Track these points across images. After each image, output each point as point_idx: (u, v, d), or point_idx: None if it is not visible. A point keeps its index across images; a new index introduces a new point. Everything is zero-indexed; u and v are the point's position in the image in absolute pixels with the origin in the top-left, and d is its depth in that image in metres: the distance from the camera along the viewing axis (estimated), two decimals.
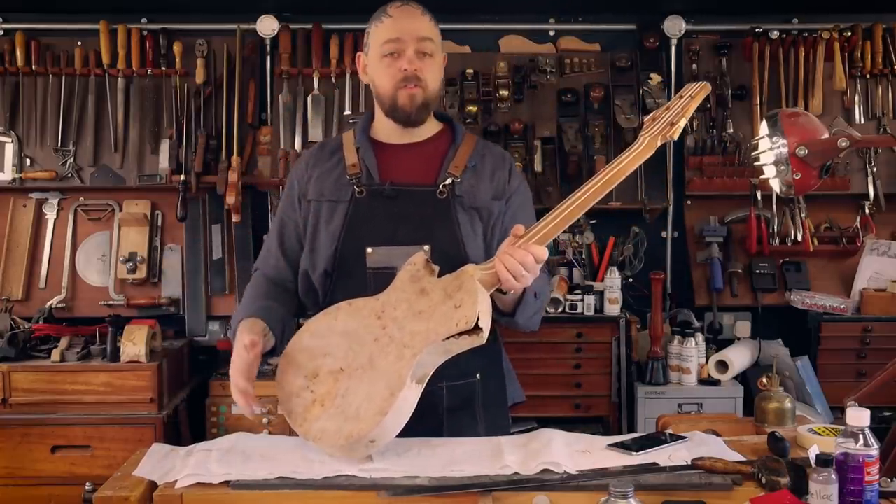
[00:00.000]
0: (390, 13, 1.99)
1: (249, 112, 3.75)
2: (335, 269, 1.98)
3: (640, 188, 3.70)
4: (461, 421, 1.95)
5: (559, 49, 3.85)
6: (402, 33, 1.95)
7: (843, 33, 3.71)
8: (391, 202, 1.95)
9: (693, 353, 3.38)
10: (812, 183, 2.02)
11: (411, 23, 1.96)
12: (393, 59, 1.96)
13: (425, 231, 1.94)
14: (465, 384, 1.98)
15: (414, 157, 2.03)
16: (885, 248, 3.64)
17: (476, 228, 1.98)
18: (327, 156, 2.07)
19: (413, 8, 1.99)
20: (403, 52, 1.95)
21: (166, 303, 3.70)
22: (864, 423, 1.45)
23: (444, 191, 1.97)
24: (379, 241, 1.94)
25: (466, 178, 2.00)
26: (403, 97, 1.96)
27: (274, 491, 1.55)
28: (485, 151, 2.07)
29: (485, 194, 2.00)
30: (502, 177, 2.04)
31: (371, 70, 2.02)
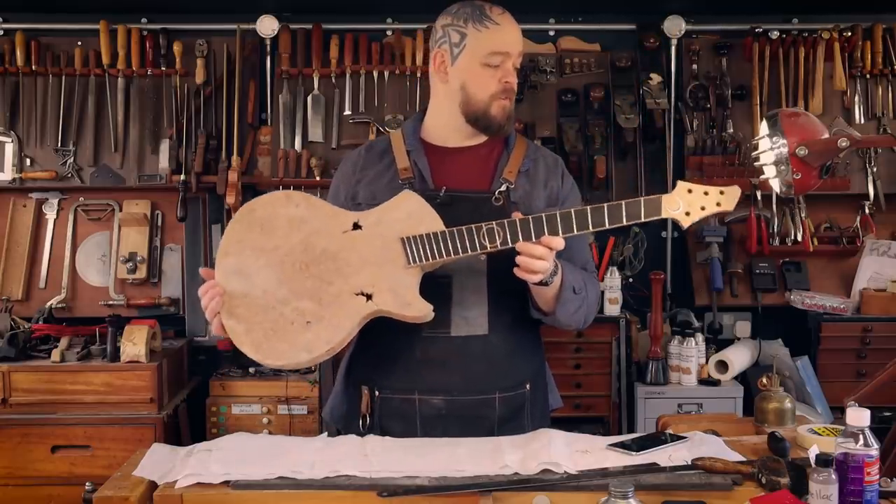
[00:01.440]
0: (496, 20, 1.91)
1: (249, 112, 3.75)
2: None
3: (640, 188, 3.70)
4: (511, 431, 1.92)
5: (559, 49, 3.84)
6: (510, 46, 1.91)
7: (843, 33, 3.71)
8: (446, 208, 1.88)
9: (693, 353, 3.38)
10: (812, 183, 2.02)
11: (517, 35, 1.94)
12: (494, 70, 1.91)
13: None
14: (517, 395, 1.98)
15: (467, 162, 1.99)
16: (885, 248, 3.64)
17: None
18: (376, 158, 2.03)
19: (511, 18, 1.94)
20: (505, 64, 1.92)
21: (166, 303, 3.71)
22: (864, 423, 1.45)
23: (499, 198, 1.94)
24: None
25: (521, 184, 1.97)
26: (497, 108, 1.94)
27: (274, 491, 1.55)
28: (537, 155, 2.05)
29: (538, 201, 1.98)
30: (555, 184, 2.02)
31: (463, 73, 1.94)
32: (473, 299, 1.92)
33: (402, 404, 1.93)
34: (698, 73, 3.78)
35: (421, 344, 1.91)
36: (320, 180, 3.65)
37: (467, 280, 1.91)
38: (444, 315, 1.90)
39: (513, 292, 1.93)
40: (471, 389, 1.92)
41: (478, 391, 1.93)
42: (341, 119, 3.75)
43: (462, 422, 1.90)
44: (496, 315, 1.94)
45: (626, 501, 1.34)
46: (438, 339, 1.91)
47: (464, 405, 1.91)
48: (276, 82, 3.78)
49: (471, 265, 1.90)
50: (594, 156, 3.64)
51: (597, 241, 3.70)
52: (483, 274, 1.92)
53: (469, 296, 1.92)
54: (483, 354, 1.94)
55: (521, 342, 2.00)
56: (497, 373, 1.95)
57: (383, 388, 1.95)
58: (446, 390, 1.91)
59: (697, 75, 3.78)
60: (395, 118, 3.71)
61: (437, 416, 1.92)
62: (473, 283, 1.92)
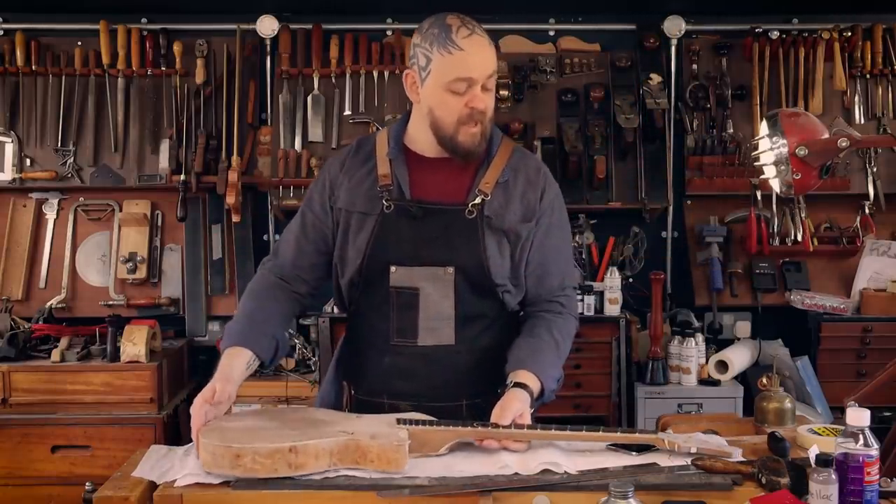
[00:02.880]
0: (460, 45, 1.81)
1: (249, 112, 3.75)
2: (361, 281, 1.97)
3: (640, 188, 3.70)
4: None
5: (559, 49, 3.84)
6: (475, 72, 1.83)
7: (843, 33, 3.71)
8: (417, 221, 1.91)
9: (693, 353, 3.38)
10: (812, 183, 2.02)
11: (483, 59, 1.84)
12: (461, 95, 1.85)
13: (450, 252, 1.92)
14: (485, 400, 1.95)
15: (446, 173, 1.96)
16: (885, 248, 3.64)
17: (503, 250, 1.95)
18: (361, 162, 2.01)
19: (479, 37, 1.84)
20: (472, 88, 1.84)
21: (166, 303, 3.71)
22: (864, 423, 1.45)
23: (472, 210, 1.92)
24: (403, 261, 1.92)
25: (496, 197, 1.94)
26: (465, 135, 1.88)
27: (274, 491, 1.55)
28: (519, 165, 2.00)
29: (513, 216, 1.95)
30: (533, 197, 1.98)
31: (429, 98, 1.89)
32: (441, 311, 1.93)
33: (372, 407, 1.95)
34: (698, 73, 3.78)
35: (390, 352, 1.95)
36: None
37: (435, 292, 1.92)
38: (411, 325, 1.93)
39: (480, 304, 1.95)
40: (438, 397, 1.93)
41: (445, 399, 1.94)
42: (341, 119, 3.75)
43: None
44: (463, 326, 1.94)
45: (626, 501, 1.34)
46: (406, 349, 1.94)
47: (431, 411, 1.88)
48: (276, 82, 3.78)
49: (438, 277, 1.91)
50: (594, 156, 3.64)
51: (597, 241, 3.71)
52: (451, 285, 1.92)
53: (436, 307, 1.92)
54: (450, 364, 1.95)
55: (489, 352, 1.98)
56: (464, 382, 1.96)
57: (357, 389, 2.01)
58: (414, 397, 1.93)
59: (697, 75, 3.78)
60: (395, 118, 3.71)
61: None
62: (440, 295, 1.92)
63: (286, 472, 1.56)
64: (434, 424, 1.72)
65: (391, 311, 1.93)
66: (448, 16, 1.86)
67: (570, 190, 3.68)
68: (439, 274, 1.91)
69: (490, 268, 1.92)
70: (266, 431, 1.64)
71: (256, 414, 1.84)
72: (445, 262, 1.91)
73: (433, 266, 1.91)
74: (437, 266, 1.91)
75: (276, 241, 3.81)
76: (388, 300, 1.93)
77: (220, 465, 1.57)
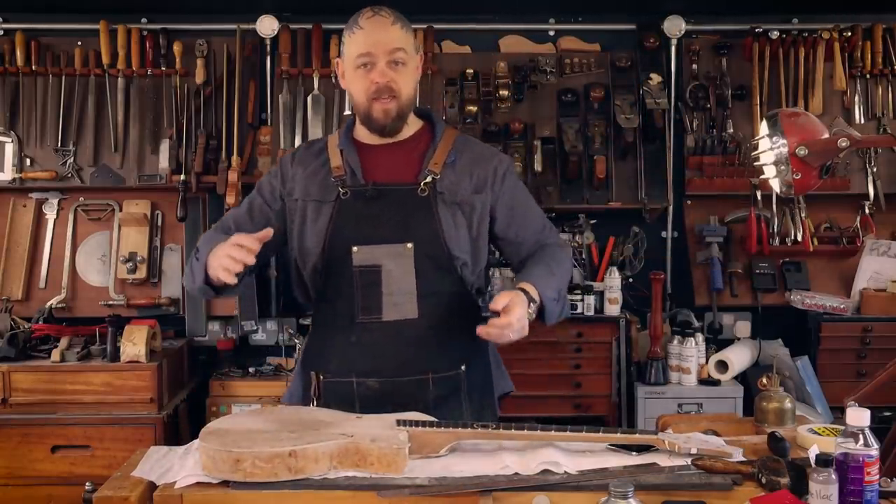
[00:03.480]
0: (361, 24, 2.00)
1: (249, 112, 3.75)
2: (323, 266, 2.05)
3: (640, 188, 3.70)
4: (448, 408, 2.03)
5: (559, 49, 3.84)
6: (372, 47, 1.98)
7: (843, 33, 3.71)
8: (374, 202, 2.02)
9: (693, 353, 3.38)
10: (812, 183, 2.02)
11: (382, 35, 1.98)
12: (366, 71, 1.99)
13: (407, 229, 2.01)
14: (451, 375, 2.06)
15: (395, 157, 2.08)
16: (885, 248, 3.64)
17: (458, 223, 2.04)
18: (313, 156, 2.13)
19: (383, 17, 2.00)
20: (375, 64, 1.98)
21: (166, 303, 3.70)
22: (864, 423, 1.45)
23: (424, 188, 2.03)
24: (364, 240, 2.01)
25: (447, 175, 2.05)
26: (377, 110, 2.01)
27: (274, 491, 1.55)
28: (464, 147, 2.12)
29: (465, 189, 2.06)
30: (482, 172, 2.09)
31: (347, 79, 2.06)
32: (402, 285, 2.01)
33: (342, 387, 2.04)
34: (698, 73, 3.78)
35: (356, 330, 2.03)
36: None
37: (395, 267, 2.01)
38: (376, 301, 2.02)
39: (440, 279, 2.04)
40: (404, 371, 2.02)
41: (411, 372, 2.02)
42: (341, 119, 3.75)
43: (398, 402, 1.96)
44: (425, 299, 2.02)
45: (626, 501, 1.34)
46: (372, 325, 2.02)
47: (398, 386, 2.01)
48: (276, 82, 3.78)
49: (398, 253, 2.01)
50: (594, 156, 3.64)
51: (597, 241, 3.71)
52: (410, 260, 2.01)
53: (397, 282, 2.01)
54: (415, 337, 2.03)
55: (454, 324, 2.06)
56: (430, 355, 2.04)
57: (326, 372, 2.07)
58: (380, 372, 2.01)
59: (697, 75, 3.78)
60: None
61: (373, 396, 2.02)
62: (401, 270, 2.01)
63: (286, 476, 1.57)
64: (434, 426, 1.72)
65: (356, 291, 2.01)
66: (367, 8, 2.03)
67: (570, 190, 3.68)
68: (399, 250, 2.00)
69: (447, 241, 2.02)
70: (266, 435, 1.64)
71: (256, 414, 1.84)
72: (404, 238, 2.01)
73: (394, 243, 2.00)
74: (397, 243, 2.00)
75: None
76: (351, 281, 2.01)
77: (220, 469, 1.57)
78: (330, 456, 1.60)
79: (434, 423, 1.73)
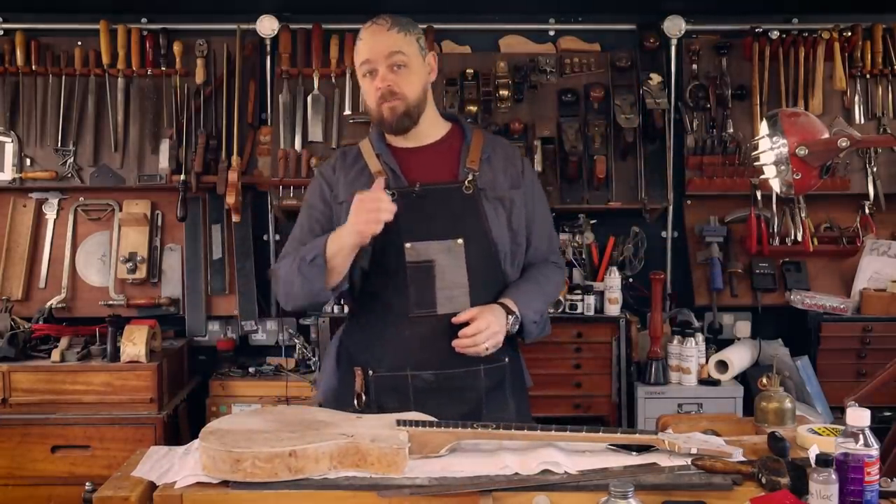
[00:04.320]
0: (362, 35, 2.13)
1: (249, 112, 3.76)
2: (374, 265, 2.11)
3: (640, 188, 3.70)
4: (496, 402, 2.13)
5: (559, 49, 3.84)
6: (371, 54, 2.09)
7: (843, 33, 3.71)
8: (422, 201, 2.11)
9: (693, 353, 3.38)
10: (812, 183, 2.03)
11: (379, 42, 2.09)
12: (371, 78, 2.10)
13: (456, 225, 2.11)
14: (498, 367, 2.16)
15: (431, 158, 2.18)
16: (885, 248, 3.64)
17: (500, 217, 2.15)
18: (350, 163, 2.21)
19: (380, 25, 2.10)
20: (377, 70, 2.09)
21: (166, 303, 3.70)
22: (864, 423, 1.45)
23: (469, 186, 2.13)
24: (416, 237, 2.09)
25: (484, 171, 2.16)
26: (385, 111, 2.11)
27: (274, 491, 1.55)
28: (495, 145, 2.24)
29: (503, 185, 2.17)
30: (514, 170, 2.22)
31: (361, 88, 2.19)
32: (455, 279, 2.09)
33: (396, 381, 2.09)
34: (698, 73, 3.78)
35: (409, 325, 2.10)
36: None
37: (448, 262, 2.09)
38: (430, 296, 2.09)
39: (488, 272, 2.14)
40: (457, 363, 2.08)
41: (464, 364, 2.08)
42: (341, 119, 3.75)
43: (452, 394, 2.07)
44: (476, 292, 2.11)
45: (626, 501, 1.34)
46: (425, 319, 2.09)
47: (452, 378, 2.08)
48: (276, 82, 3.77)
49: (450, 248, 2.09)
50: (594, 156, 3.64)
51: (597, 240, 3.71)
52: (461, 255, 2.10)
53: (451, 276, 2.09)
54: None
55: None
56: None
57: (377, 368, 2.11)
58: (436, 366, 2.08)
59: (697, 75, 3.78)
60: None
61: (428, 389, 2.09)
62: (454, 265, 2.09)
63: (286, 476, 1.57)
64: (434, 426, 1.72)
65: (408, 287, 2.08)
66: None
67: (570, 190, 3.68)
68: (451, 246, 2.09)
69: (493, 236, 2.13)
70: (266, 435, 1.64)
71: (256, 414, 1.84)
72: (454, 234, 2.10)
73: (445, 239, 2.09)
74: (449, 239, 2.09)
75: (276, 240, 3.82)
76: (404, 277, 2.08)
77: (220, 469, 1.57)
78: (330, 456, 1.61)
79: (434, 423, 1.73)
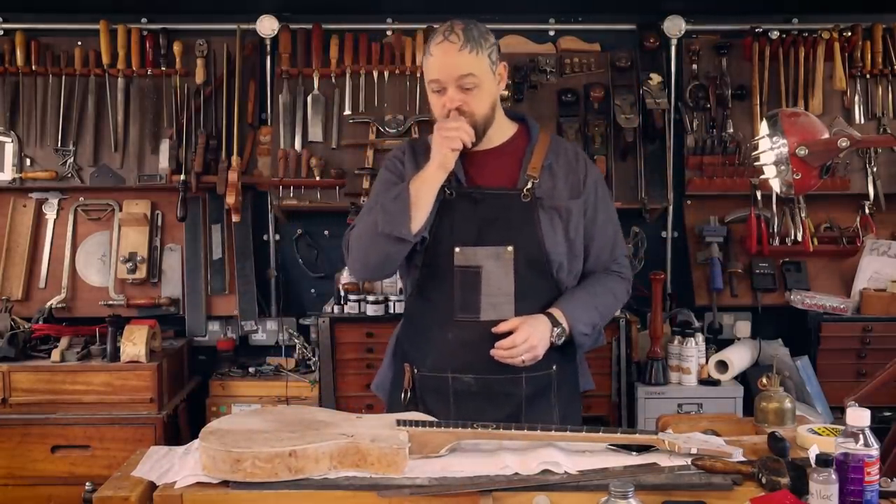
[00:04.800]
0: (432, 51, 2.04)
1: (249, 112, 3.75)
2: (424, 263, 2.11)
3: (640, 188, 3.70)
4: (538, 408, 2.11)
5: (559, 49, 3.84)
6: (441, 74, 2.02)
7: (843, 33, 3.71)
8: (478, 205, 2.09)
9: (693, 353, 3.38)
10: (812, 183, 2.02)
11: (450, 62, 2.01)
12: (438, 95, 2.05)
13: (509, 232, 2.08)
14: (543, 375, 2.12)
15: (494, 161, 2.14)
16: (885, 248, 3.64)
17: (556, 227, 2.10)
18: (420, 155, 2.15)
19: (452, 43, 2.01)
20: (446, 90, 2.03)
21: (166, 303, 3.70)
22: (864, 423, 1.45)
23: (527, 194, 2.09)
24: (466, 242, 2.08)
25: (544, 179, 2.12)
26: None
27: (274, 491, 1.55)
28: (559, 150, 2.18)
29: (562, 193, 2.12)
30: (576, 178, 2.15)
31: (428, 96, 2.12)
32: (501, 287, 2.07)
33: (437, 382, 2.10)
34: (698, 73, 3.78)
35: (453, 328, 2.08)
36: (320, 180, 3.64)
37: (495, 269, 2.07)
38: (475, 301, 2.08)
39: (537, 281, 2.10)
40: (499, 370, 2.05)
41: (505, 371, 2.05)
42: (341, 119, 3.75)
43: (491, 398, 2.07)
44: (522, 301, 2.08)
45: (626, 501, 1.34)
46: (469, 324, 2.07)
47: (493, 383, 2.07)
48: (276, 82, 3.77)
49: (499, 255, 2.07)
50: (594, 156, 3.64)
51: None
52: (510, 263, 2.07)
53: (497, 284, 2.07)
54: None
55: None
56: None
57: (421, 366, 2.12)
58: (476, 370, 2.07)
59: (697, 75, 3.78)
60: (394, 118, 3.71)
61: (468, 392, 2.09)
62: (501, 272, 2.07)
63: (286, 475, 1.57)
64: (434, 426, 1.72)
65: (454, 289, 2.08)
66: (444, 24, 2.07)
67: None
68: (500, 253, 2.07)
69: (546, 246, 2.09)
70: (266, 435, 1.64)
71: (256, 414, 1.84)
72: (505, 241, 2.07)
73: (495, 246, 2.07)
74: (499, 246, 2.07)
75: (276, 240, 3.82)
76: (451, 279, 2.08)
77: (220, 469, 1.57)
78: (330, 456, 1.60)
79: (434, 423, 1.73)
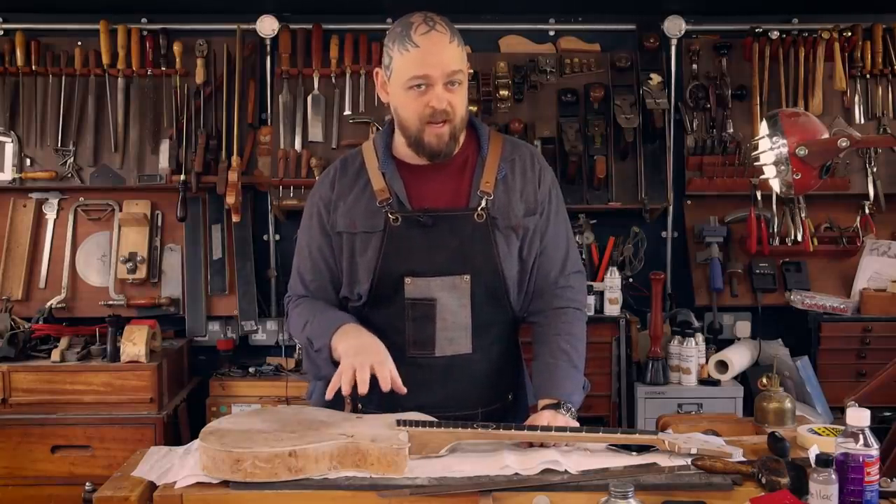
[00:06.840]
0: (416, 41, 1.78)
1: (249, 112, 3.75)
2: (371, 299, 1.92)
3: (641, 188, 3.70)
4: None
5: (559, 49, 3.84)
6: (430, 69, 1.78)
7: (843, 33, 3.71)
8: (428, 230, 1.88)
9: (693, 353, 3.38)
10: (812, 183, 2.03)
11: (441, 55, 1.79)
12: (420, 93, 1.81)
13: (465, 259, 1.88)
14: (499, 406, 1.99)
15: (442, 178, 1.92)
16: (885, 248, 3.64)
17: (512, 248, 1.92)
18: (351, 180, 1.95)
19: (440, 33, 1.80)
20: (432, 87, 1.80)
21: (166, 303, 3.70)
22: (864, 423, 1.45)
23: (481, 214, 1.88)
24: (418, 272, 1.88)
25: (499, 195, 1.91)
26: (430, 135, 1.84)
27: (274, 491, 1.55)
28: (514, 156, 1.97)
29: (517, 211, 1.92)
30: (532, 190, 1.95)
31: (394, 97, 1.87)
32: (457, 320, 1.90)
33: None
34: (698, 73, 3.78)
35: (405, 365, 1.85)
36: None
37: (450, 301, 1.89)
38: (429, 336, 1.90)
39: (493, 311, 1.95)
40: (452, 407, 1.90)
41: (460, 408, 1.92)
42: (341, 119, 3.75)
43: None
44: (479, 333, 1.93)
45: (626, 501, 1.34)
46: (423, 360, 1.92)
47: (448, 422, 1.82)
48: (276, 82, 3.77)
49: (455, 286, 1.89)
50: (594, 156, 3.64)
51: (597, 240, 3.71)
52: (467, 293, 1.89)
53: (453, 317, 1.90)
54: (467, 373, 1.94)
55: (503, 358, 2.00)
56: (480, 390, 1.96)
57: (367, 403, 1.85)
58: (429, 409, 1.82)
59: (697, 75, 3.78)
60: None
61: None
62: (457, 304, 1.89)
63: (286, 476, 1.56)
64: (434, 426, 1.72)
65: (407, 324, 1.90)
66: (414, 14, 1.83)
67: (570, 190, 3.68)
68: (456, 283, 1.88)
69: (504, 271, 1.91)
70: (265, 435, 1.64)
71: (256, 414, 1.84)
72: (461, 270, 1.88)
73: (450, 276, 1.88)
74: (454, 275, 1.88)
75: (276, 240, 3.82)
76: (402, 313, 1.89)
77: (220, 469, 1.57)
78: (330, 456, 1.60)
79: (434, 423, 1.73)
